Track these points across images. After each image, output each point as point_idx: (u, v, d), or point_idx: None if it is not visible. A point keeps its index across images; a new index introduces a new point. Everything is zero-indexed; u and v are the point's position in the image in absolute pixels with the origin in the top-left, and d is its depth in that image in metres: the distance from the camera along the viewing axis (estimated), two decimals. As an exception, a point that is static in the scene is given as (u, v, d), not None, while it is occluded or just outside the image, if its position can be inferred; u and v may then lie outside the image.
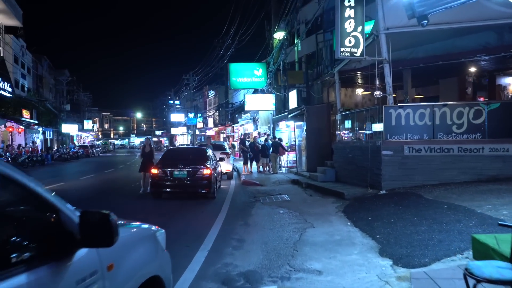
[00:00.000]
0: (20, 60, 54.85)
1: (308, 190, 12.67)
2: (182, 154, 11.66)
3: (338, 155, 13.44)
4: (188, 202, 10.51)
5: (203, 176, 10.43)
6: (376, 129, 11.21)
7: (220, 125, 43.21)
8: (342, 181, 12.80)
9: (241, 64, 20.64)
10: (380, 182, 10.20)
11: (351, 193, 10.30)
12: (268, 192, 12.80)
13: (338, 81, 15.43)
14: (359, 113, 12.39)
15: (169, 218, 8.36)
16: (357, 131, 12.43)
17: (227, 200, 10.99)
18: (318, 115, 16.03)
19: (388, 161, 10.17)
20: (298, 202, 10.55)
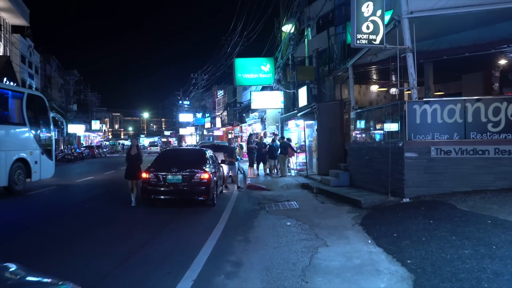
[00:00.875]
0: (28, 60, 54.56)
1: (320, 196, 11.38)
2: (178, 157, 10.46)
3: (352, 157, 12.12)
4: (183, 210, 9.31)
5: (200, 181, 9.23)
6: (392, 129, 9.89)
7: (228, 125, 42.05)
8: (358, 186, 11.49)
9: (247, 59, 19.39)
10: (403, 188, 8.87)
11: (369, 201, 8.99)
12: (274, 198, 11.55)
13: (352, 76, 14.08)
14: (376, 110, 11.07)
15: (156, 233, 7.16)
16: (374, 130, 11.11)
17: (228, 208, 9.77)
18: (330, 113, 14.72)
19: (412, 164, 8.84)
20: (308, 210, 9.28)
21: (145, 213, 9.07)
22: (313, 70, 17.43)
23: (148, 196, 9.28)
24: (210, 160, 10.46)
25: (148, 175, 9.27)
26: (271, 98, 18.73)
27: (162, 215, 8.74)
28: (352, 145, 12.37)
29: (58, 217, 8.88)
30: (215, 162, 11.36)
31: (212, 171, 9.95)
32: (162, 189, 9.18)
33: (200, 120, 50.32)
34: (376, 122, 11.07)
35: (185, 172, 9.21)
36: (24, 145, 12.48)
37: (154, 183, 9.21)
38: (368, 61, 14.68)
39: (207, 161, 10.05)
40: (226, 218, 8.56)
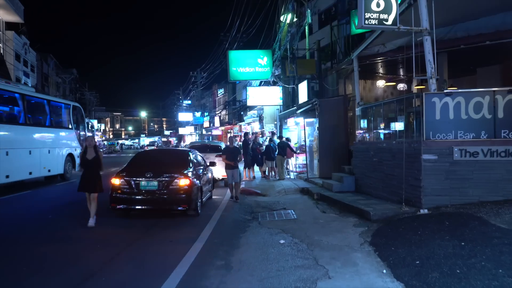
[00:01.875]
0: (23, 57, 53.35)
1: (321, 203, 9.96)
2: (155, 159, 9.01)
3: (358, 158, 10.69)
4: (159, 223, 7.90)
5: (179, 188, 7.81)
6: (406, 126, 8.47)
7: (227, 124, 40.65)
8: (364, 192, 10.06)
9: (242, 52, 17.90)
10: (420, 197, 7.44)
11: (379, 211, 7.56)
12: (270, 205, 10.15)
13: (357, 69, 12.59)
14: (386, 105, 9.63)
15: (114, 255, 5.75)
16: (384, 128, 9.67)
17: (213, 219, 8.36)
18: (333, 109, 13.28)
19: (430, 168, 7.41)
20: (307, 222, 7.87)
21: (113, 225, 7.65)
22: (314, 63, 16.00)
23: (117, 206, 7.86)
24: (194, 163, 9.04)
25: (119, 181, 7.85)
26: (269, 94, 17.28)
27: (132, 230, 7.32)
28: (357, 145, 10.94)
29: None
30: (202, 165, 9.95)
31: (195, 175, 8.54)
32: (134, 198, 7.77)
33: (199, 119, 48.95)
34: (386, 118, 9.64)
35: (161, 178, 7.79)
36: (71, 144, 16.09)
37: (125, 190, 7.80)
38: (375, 52, 13.23)
39: (189, 164, 8.64)
40: (209, 232, 7.14)
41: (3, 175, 11.41)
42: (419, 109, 7.79)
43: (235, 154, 10.89)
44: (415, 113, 8.03)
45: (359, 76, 12.70)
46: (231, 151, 10.94)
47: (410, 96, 8.15)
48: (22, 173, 12.53)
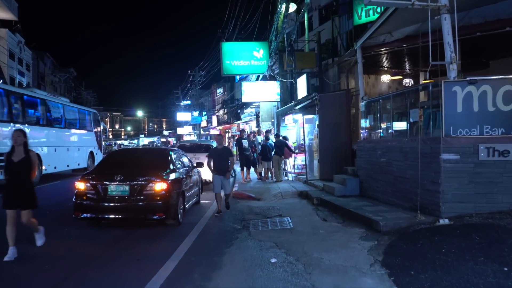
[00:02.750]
0: (17, 56, 52.30)
1: (321, 209, 8.79)
2: (130, 160, 7.78)
3: (363, 159, 9.52)
4: (133, 233, 6.75)
5: (155, 193, 6.65)
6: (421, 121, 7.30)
7: (225, 124, 39.47)
8: (370, 196, 8.89)
9: (237, 44, 16.68)
10: (438, 204, 6.27)
11: (391, 221, 6.38)
12: (264, 211, 8.98)
13: (361, 60, 11.39)
14: (397, 98, 8.45)
15: (56, 283, 4.57)
16: (394, 123, 8.48)
17: (196, 229, 7.20)
18: (335, 105, 12.12)
19: (451, 170, 6.24)
20: (306, 233, 6.70)
21: (74, 239, 6.47)
22: (314, 56, 14.83)
23: (81, 215, 6.69)
24: (176, 164, 7.86)
25: (83, 185, 6.68)
26: (266, 89, 16.08)
27: (95, 244, 6.15)
28: (362, 144, 9.76)
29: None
30: (187, 166, 8.79)
31: (176, 178, 7.37)
32: (101, 205, 6.59)
33: (196, 119, 47.81)
34: (395, 113, 8.46)
35: (134, 181, 6.61)
36: (92, 143, 18.93)
37: (91, 196, 6.63)
38: (381, 42, 12.08)
39: (169, 165, 7.46)
40: (187, 247, 5.98)
41: (53, 166, 14.38)
42: (437, 101, 6.62)
43: (224, 157, 8.48)
44: (432, 106, 6.85)
45: (362, 69, 11.52)
46: (220, 153, 8.55)
47: (426, 85, 6.97)
48: (63, 165, 15.42)
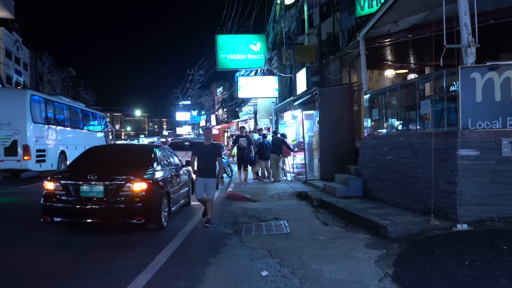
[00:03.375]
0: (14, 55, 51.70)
1: (322, 211, 8.02)
2: (108, 157, 6.95)
3: (367, 156, 8.75)
4: (109, 239, 6.01)
5: (133, 194, 5.88)
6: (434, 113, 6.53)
7: (224, 123, 38.70)
8: (375, 197, 8.12)
9: (233, 36, 15.86)
10: (455, 206, 5.50)
11: (400, 226, 5.59)
12: (259, 213, 8.22)
13: (364, 52, 10.61)
14: (405, 88, 7.66)
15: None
16: (402, 117, 7.70)
17: (181, 234, 6.43)
18: (336, 100, 11.37)
19: (470, 168, 5.46)
20: (304, 239, 5.94)
21: (41, 247, 5.71)
22: (314, 50, 14.04)
23: (49, 219, 5.92)
24: (160, 162, 7.08)
25: (53, 185, 5.91)
26: (263, 84, 15.29)
27: (62, 253, 5.38)
28: (367, 140, 8.98)
29: None
30: (174, 165, 8.02)
31: (160, 178, 6.60)
32: (72, 208, 5.82)
33: (195, 118, 47.05)
34: (404, 106, 7.69)
35: (109, 181, 5.85)
36: (102, 142, 19.74)
37: (61, 198, 5.87)
38: (386, 32, 11.30)
39: (152, 163, 6.68)
40: (167, 256, 5.21)
41: None
42: (452, 91, 5.85)
43: (210, 156, 7.18)
44: (447, 97, 6.08)
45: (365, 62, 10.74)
46: (206, 151, 7.18)
47: (439, 73, 6.18)
48: None
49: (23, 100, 12.02)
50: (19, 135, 11.77)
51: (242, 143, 12.75)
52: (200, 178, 7.18)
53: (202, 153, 7.21)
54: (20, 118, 11.85)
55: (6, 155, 11.96)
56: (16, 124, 11.81)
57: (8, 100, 12.17)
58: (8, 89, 20.76)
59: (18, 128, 11.81)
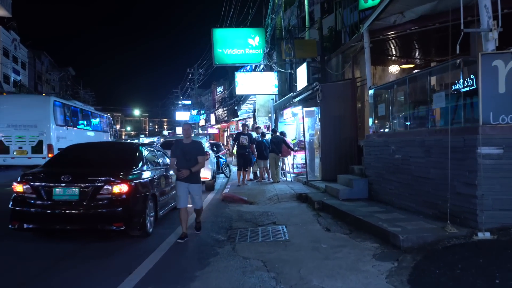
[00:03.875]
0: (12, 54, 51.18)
1: (324, 215, 7.38)
2: (88, 156, 6.26)
3: (373, 156, 8.11)
4: (86, 247, 5.39)
5: (112, 197, 5.25)
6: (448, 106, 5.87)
7: (224, 122, 38.06)
8: (382, 200, 7.48)
9: (230, 30, 15.15)
10: (474, 211, 4.85)
11: (413, 234, 4.94)
12: (255, 217, 7.59)
13: (368, 45, 9.94)
14: (415, 81, 7.00)
15: None
16: (412, 112, 7.04)
17: (168, 241, 5.81)
18: (339, 96, 10.74)
19: (492, 168, 4.82)
20: (303, 248, 5.31)
21: (3, 255, 5.08)
22: (315, 44, 13.39)
23: (19, 226, 5.29)
24: (147, 162, 6.44)
25: (22, 187, 5.28)
26: (262, 81, 14.62)
27: (28, 264, 4.75)
28: (372, 138, 8.34)
29: None
30: (164, 165, 7.38)
31: (146, 179, 5.97)
32: (43, 213, 5.20)
33: (195, 118, 46.38)
34: (414, 100, 7.04)
35: (85, 182, 5.21)
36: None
37: (32, 202, 5.23)
38: (391, 24, 10.66)
39: (136, 163, 6.04)
40: (149, 268, 4.59)
41: None
42: (471, 81, 5.19)
43: (191, 156, 5.97)
44: (464, 88, 5.42)
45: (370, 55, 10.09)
46: (186, 150, 6.00)
47: (455, 61, 5.52)
48: None
49: (47, 105, 13.57)
50: (44, 135, 13.23)
51: (243, 141, 11.96)
52: (181, 183, 5.95)
53: (181, 153, 6.00)
54: (45, 120, 13.33)
55: (33, 153, 13.31)
56: (41, 126, 13.28)
57: (35, 105, 13.78)
58: (34, 96, 22.94)
59: (43, 129, 13.29)
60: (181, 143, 6.11)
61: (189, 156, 5.96)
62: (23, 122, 13.14)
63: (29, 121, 13.15)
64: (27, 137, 13.14)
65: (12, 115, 13.21)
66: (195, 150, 6.06)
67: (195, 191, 6.07)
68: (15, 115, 13.22)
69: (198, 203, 6.22)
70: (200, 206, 6.29)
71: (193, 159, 5.98)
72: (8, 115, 13.21)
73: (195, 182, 6.06)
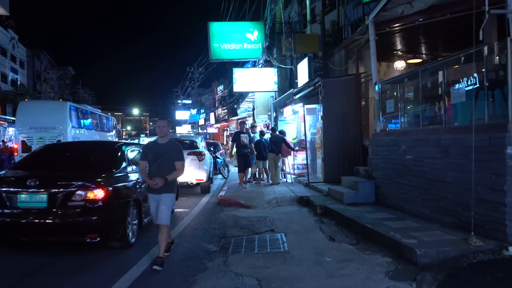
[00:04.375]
0: (10, 52, 50.68)
1: (327, 222, 6.72)
2: (63, 158, 5.58)
3: (380, 156, 7.44)
4: (60, 259, 4.74)
5: (86, 204, 4.59)
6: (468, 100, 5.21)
7: (223, 121, 37.41)
8: (391, 205, 6.82)
9: (227, 24, 14.41)
10: (503, 221, 4.19)
11: (431, 248, 4.27)
12: (252, 223, 6.93)
13: (374, 38, 9.25)
14: (428, 73, 6.32)
15: None
16: (425, 107, 6.36)
17: (152, 253, 5.13)
18: (342, 92, 10.08)
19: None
20: (304, 262, 4.65)
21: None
22: (317, 39, 12.72)
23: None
24: (130, 164, 5.78)
25: (-17, 192, 4.63)
26: (261, 77, 13.91)
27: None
28: (379, 137, 7.67)
29: None
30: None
31: (125, 183, 5.31)
32: (6, 222, 4.53)
33: (194, 117, 45.76)
34: (428, 94, 6.37)
35: (55, 187, 4.55)
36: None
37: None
38: (399, 15, 10.02)
39: (117, 165, 5.38)
40: (125, 286, 3.93)
41: None
42: (496, 71, 4.53)
43: (166, 160, 4.69)
44: (488, 80, 4.75)
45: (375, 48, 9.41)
46: (160, 153, 4.71)
47: (479, 48, 4.83)
48: None
49: (64, 109, 15.08)
50: (61, 136, 14.43)
51: (244, 140, 11.25)
52: (153, 196, 4.68)
53: (153, 156, 4.67)
54: (62, 123, 14.69)
55: None
56: (59, 127, 14.63)
57: (53, 109, 15.31)
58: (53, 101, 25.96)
59: (61, 130, 14.61)
60: (155, 143, 4.83)
61: (163, 160, 4.64)
62: (43, 124, 14.46)
63: (48, 124, 14.48)
64: (47, 138, 14.16)
65: (33, 118, 14.53)
66: (172, 154, 4.67)
67: (164, 201, 4.62)
68: (36, 118, 14.53)
69: (164, 218, 4.59)
70: (164, 223, 4.60)
71: (168, 164, 4.64)
72: (30, 118, 14.54)
73: (167, 192, 4.65)
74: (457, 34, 9.53)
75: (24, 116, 14.70)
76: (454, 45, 9.56)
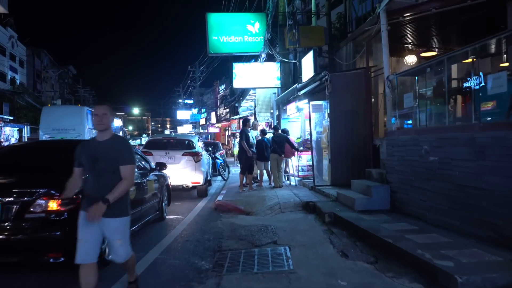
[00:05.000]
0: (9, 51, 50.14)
1: (337, 233, 5.87)
2: (26, 160, 4.68)
3: (396, 157, 6.59)
4: (20, 280, 3.90)
5: (48, 217, 3.76)
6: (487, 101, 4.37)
7: (225, 121, 36.61)
8: (410, 213, 5.97)
9: (227, 15, 13.55)
10: None
11: (475, 275, 3.42)
12: (252, 233, 6.12)
13: (386, 28, 8.38)
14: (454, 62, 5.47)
15: None
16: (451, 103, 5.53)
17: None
18: (351, 87, 9.24)
19: None
20: (314, 286, 3.81)
21: None
22: (323, 31, 11.87)
23: None
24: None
25: None
26: (263, 72, 13.03)
27: None
28: (395, 136, 6.82)
29: None
30: (138, 170, 5.90)
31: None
32: None
33: (196, 117, 44.99)
34: (455, 86, 5.52)
35: (8, 196, 3.73)
36: None
37: None
38: (413, 2, 9.23)
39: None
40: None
41: None
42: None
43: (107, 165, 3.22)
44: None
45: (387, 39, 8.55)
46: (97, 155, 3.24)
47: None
48: None
49: (82, 113, 16.88)
50: (80, 136, 15.88)
51: (252, 140, 10.48)
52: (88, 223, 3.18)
53: (89, 159, 3.26)
54: (81, 125, 16.43)
55: None
56: (78, 129, 16.31)
57: (72, 113, 17.19)
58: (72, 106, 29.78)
59: (79, 131, 16.27)
60: (92, 142, 3.40)
61: (104, 165, 3.20)
62: (63, 126, 16.24)
63: (69, 125, 16.27)
64: (67, 138, 15.00)
65: (56, 121, 16.35)
66: (115, 154, 3.22)
67: (114, 231, 3.24)
68: (57, 121, 16.34)
69: (122, 254, 3.31)
70: (125, 258, 3.34)
71: (112, 172, 3.20)
72: (53, 121, 16.40)
73: (114, 216, 3.20)
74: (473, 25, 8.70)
75: (48, 119, 16.55)
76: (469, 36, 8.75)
